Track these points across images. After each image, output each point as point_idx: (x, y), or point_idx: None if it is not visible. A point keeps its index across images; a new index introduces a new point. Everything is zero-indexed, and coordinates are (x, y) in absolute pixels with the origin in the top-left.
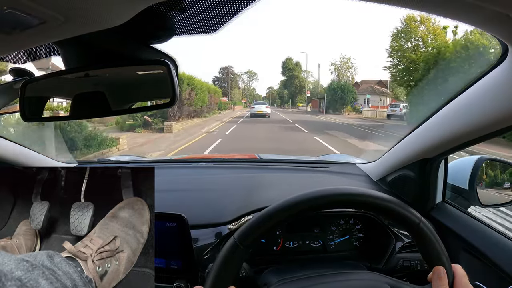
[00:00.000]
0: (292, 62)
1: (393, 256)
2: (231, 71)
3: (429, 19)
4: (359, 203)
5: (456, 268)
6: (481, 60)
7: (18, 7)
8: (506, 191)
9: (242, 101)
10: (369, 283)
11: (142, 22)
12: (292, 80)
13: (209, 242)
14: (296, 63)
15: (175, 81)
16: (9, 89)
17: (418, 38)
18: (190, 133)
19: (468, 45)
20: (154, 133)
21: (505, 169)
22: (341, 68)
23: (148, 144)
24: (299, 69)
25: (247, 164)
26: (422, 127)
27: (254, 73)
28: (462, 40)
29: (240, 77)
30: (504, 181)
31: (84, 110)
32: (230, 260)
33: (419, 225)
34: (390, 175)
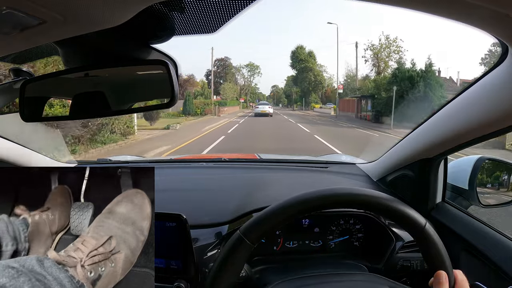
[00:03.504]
0: (305, 51)
1: (393, 256)
2: (224, 61)
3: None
4: (363, 203)
5: (457, 274)
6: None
7: (18, 7)
8: (506, 191)
9: (240, 100)
10: (369, 285)
11: (142, 22)
12: (304, 74)
13: (209, 242)
14: (309, 52)
15: (175, 81)
16: (9, 89)
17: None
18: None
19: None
20: None
21: (505, 169)
22: (382, 51)
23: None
24: (313, 61)
25: (247, 164)
26: (422, 127)
27: (256, 66)
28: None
29: (239, 70)
30: (504, 181)
31: (83, 110)
32: (234, 253)
33: (424, 228)
34: (390, 175)
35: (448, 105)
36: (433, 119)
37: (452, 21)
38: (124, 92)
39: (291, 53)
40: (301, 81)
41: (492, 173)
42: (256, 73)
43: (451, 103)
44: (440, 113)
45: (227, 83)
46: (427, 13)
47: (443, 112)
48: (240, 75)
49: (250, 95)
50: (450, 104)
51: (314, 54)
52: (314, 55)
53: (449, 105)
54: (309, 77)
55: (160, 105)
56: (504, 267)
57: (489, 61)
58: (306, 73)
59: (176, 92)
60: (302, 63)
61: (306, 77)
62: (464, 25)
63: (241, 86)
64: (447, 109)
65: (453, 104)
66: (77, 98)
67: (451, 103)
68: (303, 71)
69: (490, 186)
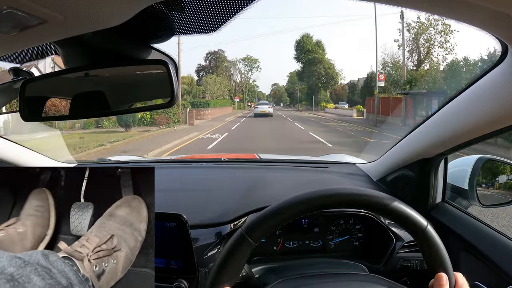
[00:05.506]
0: (311, 40)
1: (393, 256)
2: (217, 54)
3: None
4: (365, 203)
5: (457, 276)
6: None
7: (18, 7)
8: (506, 190)
9: (235, 99)
10: (369, 285)
11: (142, 22)
12: (312, 67)
13: (209, 242)
14: (316, 42)
15: (175, 81)
16: (9, 89)
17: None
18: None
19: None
20: None
21: (505, 169)
22: (425, 32)
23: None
24: (321, 51)
25: (247, 164)
26: (422, 126)
27: (254, 59)
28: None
29: (234, 65)
30: (504, 181)
31: (83, 110)
32: (236, 251)
33: (425, 230)
34: (390, 175)
35: (448, 104)
36: (433, 118)
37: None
38: (124, 92)
39: (295, 43)
40: (309, 75)
41: (492, 173)
42: (254, 68)
43: (451, 103)
44: (440, 113)
45: (213, 75)
46: (428, 12)
47: (443, 111)
48: (236, 70)
49: (248, 93)
50: (450, 104)
51: (322, 44)
52: (322, 45)
53: (449, 105)
54: (319, 70)
55: (159, 105)
56: (504, 267)
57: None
58: (314, 66)
59: (176, 92)
60: (309, 54)
61: (314, 71)
62: (464, 25)
63: (237, 82)
64: (447, 109)
65: (453, 104)
66: (77, 98)
67: (451, 102)
68: (310, 64)
69: (490, 186)
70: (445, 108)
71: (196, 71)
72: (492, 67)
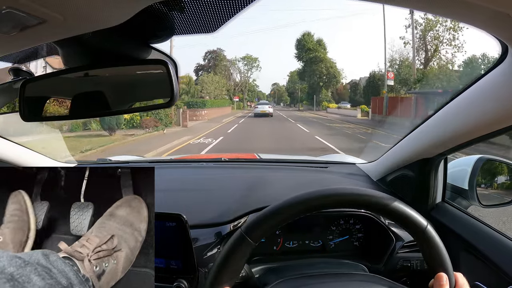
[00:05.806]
0: (312, 38)
1: (393, 256)
2: (216, 53)
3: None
4: (365, 203)
5: (457, 276)
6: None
7: (18, 7)
8: (505, 190)
9: (234, 99)
10: (369, 285)
11: (142, 22)
12: (313, 66)
13: (209, 242)
14: (318, 41)
15: (174, 80)
16: (9, 89)
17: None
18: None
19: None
20: None
21: (505, 169)
22: (433, 28)
23: None
24: (322, 50)
25: (247, 164)
26: (421, 126)
27: (254, 58)
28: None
29: (234, 64)
30: (504, 181)
31: (83, 110)
32: (236, 251)
33: (426, 230)
34: (390, 175)
35: (448, 104)
36: (433, 118)
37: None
38: (123, 92)
39: (296, 41)
40: (310, 74)
41: (492, 173)
42: (254, 67)
43: (451, 103)
44: (440, 113)
45: (210, 74)
46: (428, 12)
47: (443, 111)
48: (235, 69)
49: (247, 93)
50: (450, 104)
51: (323, 43)
52: (323, 44)
53: (449, 105)
54: (320, 69)
55: (159, 105)
56: (504, 267)
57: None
58: (315, 65)
59: (176, 92)
60: (310, 53)
61: (316, 70)
62: (464, 25)
63: (237, 82)
64: (447, 109)
65: (453, 104)
66: (76, 98)
67: (451, 102)
68: (311, 63)
69: (490, 186)
70: (445, 108)
71: (195, 70)
72: (492, 67)
